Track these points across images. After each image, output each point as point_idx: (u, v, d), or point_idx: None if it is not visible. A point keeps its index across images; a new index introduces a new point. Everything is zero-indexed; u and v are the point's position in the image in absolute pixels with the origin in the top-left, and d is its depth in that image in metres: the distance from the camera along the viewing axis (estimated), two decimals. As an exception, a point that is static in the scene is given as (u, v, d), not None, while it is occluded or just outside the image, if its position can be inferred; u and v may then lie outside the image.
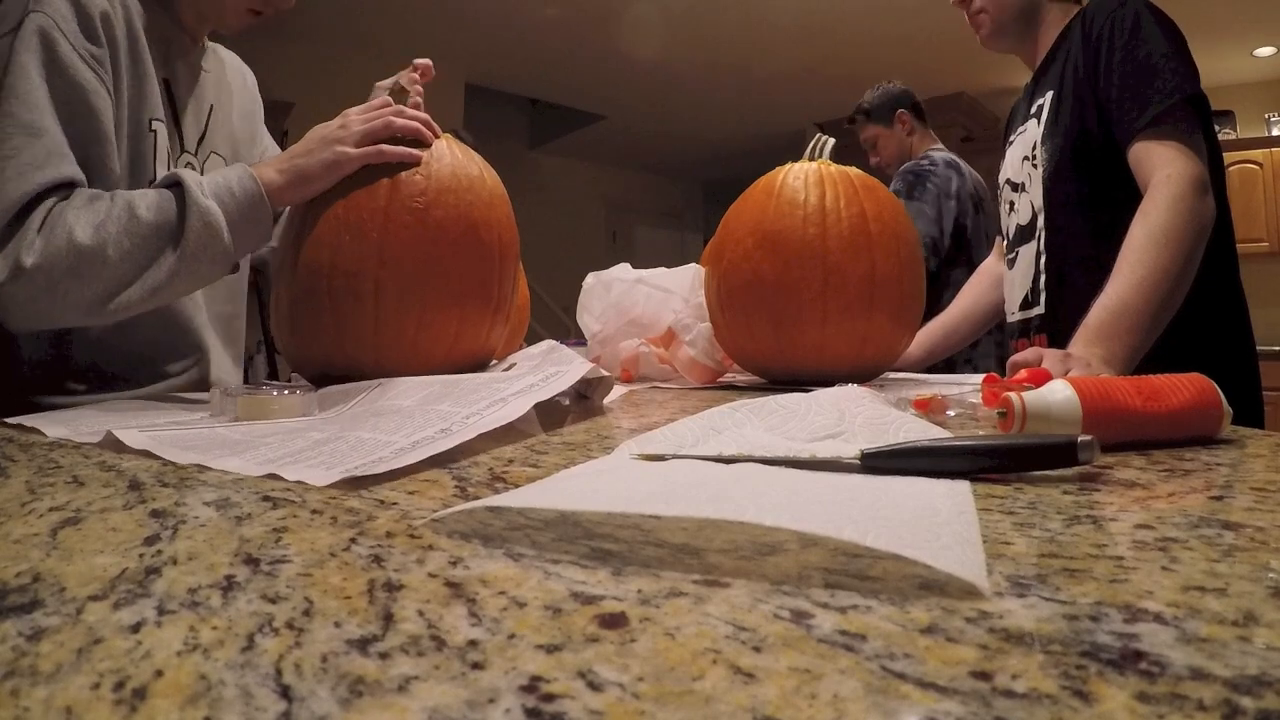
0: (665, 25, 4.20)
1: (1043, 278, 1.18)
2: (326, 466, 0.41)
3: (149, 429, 0.52)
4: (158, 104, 0.89)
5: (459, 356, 0.81)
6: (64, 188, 0.74)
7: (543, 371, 0.63)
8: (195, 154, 0.98)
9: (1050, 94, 1.16)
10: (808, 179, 0.96)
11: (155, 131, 0.88)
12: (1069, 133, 1.11)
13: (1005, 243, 1.33)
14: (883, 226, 0.93)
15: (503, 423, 0.50)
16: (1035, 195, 1.18)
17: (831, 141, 1.04)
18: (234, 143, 1.05)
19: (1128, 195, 1.00)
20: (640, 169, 7.11)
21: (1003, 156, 1.33)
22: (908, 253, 0.96)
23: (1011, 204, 1.28)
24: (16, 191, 0.71)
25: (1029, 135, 1.21)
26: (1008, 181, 1.29)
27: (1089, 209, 1.11)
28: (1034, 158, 1.19)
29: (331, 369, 0.77)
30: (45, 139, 0.74)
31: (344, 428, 0.52)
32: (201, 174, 0.95)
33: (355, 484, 0.38)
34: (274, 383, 0.93)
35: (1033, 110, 1.21)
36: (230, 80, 1.06)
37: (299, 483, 0.38)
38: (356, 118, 0.82)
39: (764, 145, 5.78)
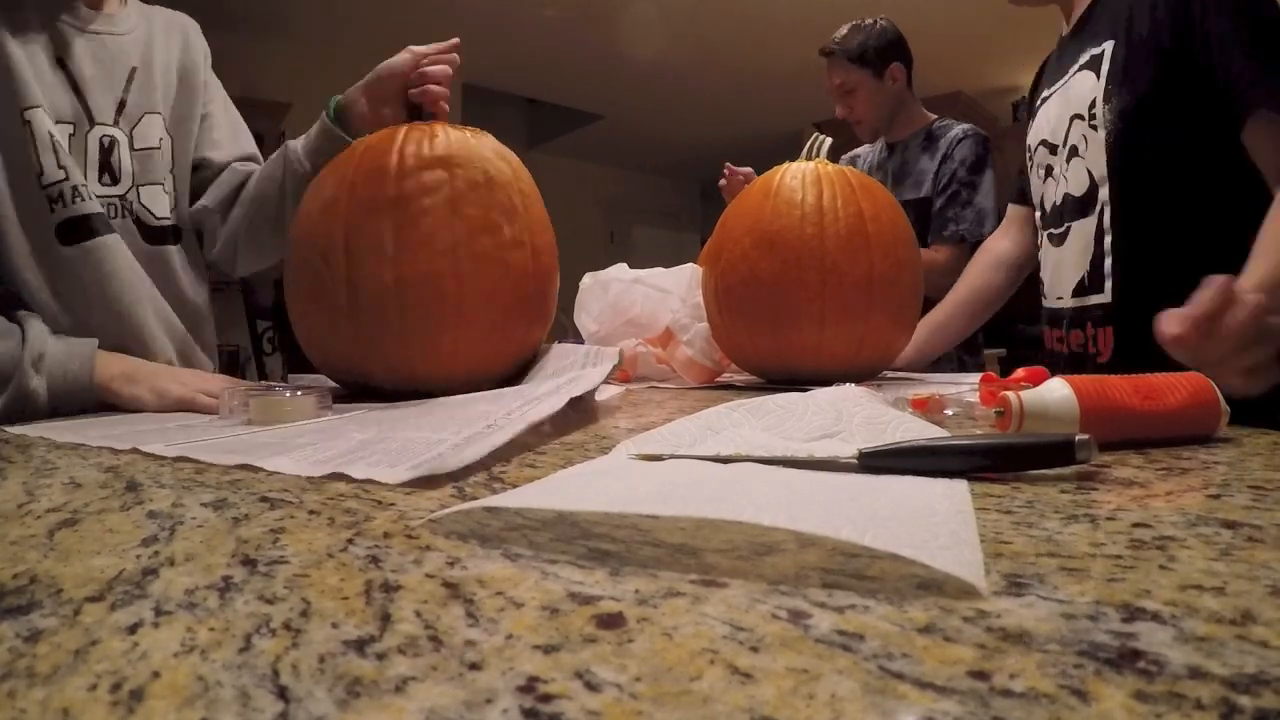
0: (663, 25, 4.21)
1: (1107, 260, 0.99)
2: (390, 464, 0.40)
3: (176, 444, 0.50)
4: (33, 90, 0.86)
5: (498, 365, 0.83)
6: None
7: (565, 375, 0.65)
8: (115, 124, 0.95)
9: (1109, 43, 0.98)
10: (805, 179, 0.96)
11: (30, 121, 0.85)
12: (1147, 87, 0.93)
13: (1041, 215, 1.14)
14: (880, 226, 0.93)
15: (545, 415, 0.50)
16: (1095, 161, 1.00)
17: (829, 141, 1.04)
18: (170, 100, 1.02)
19: (1227, 163, 0.86)
20: (638, 169, 7.12)
21: (1030, 116, 1.17)
22: (905, 252, 0.96)
23: (1048, 169, 1.10)
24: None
25: (1081, 89, 1.02)
26: (1043, 143, 1.11)
27: (1174, 179, 0.93)
28: (1092, 116, 0.99)
29: (369, 380, 0.79)
30: None
31: (384, 430, 0.52)
32: (131, 141, 0.95)
33: (426, 483, 0.38)
34: (285, 384, 0.93)
35: (1083, 61, 1.02)
36: (158, 37, 1.02)
37: (299, 479, 0.38)
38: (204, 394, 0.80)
39: (761, 145, 5.79)
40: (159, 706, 0.16)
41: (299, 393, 0.65)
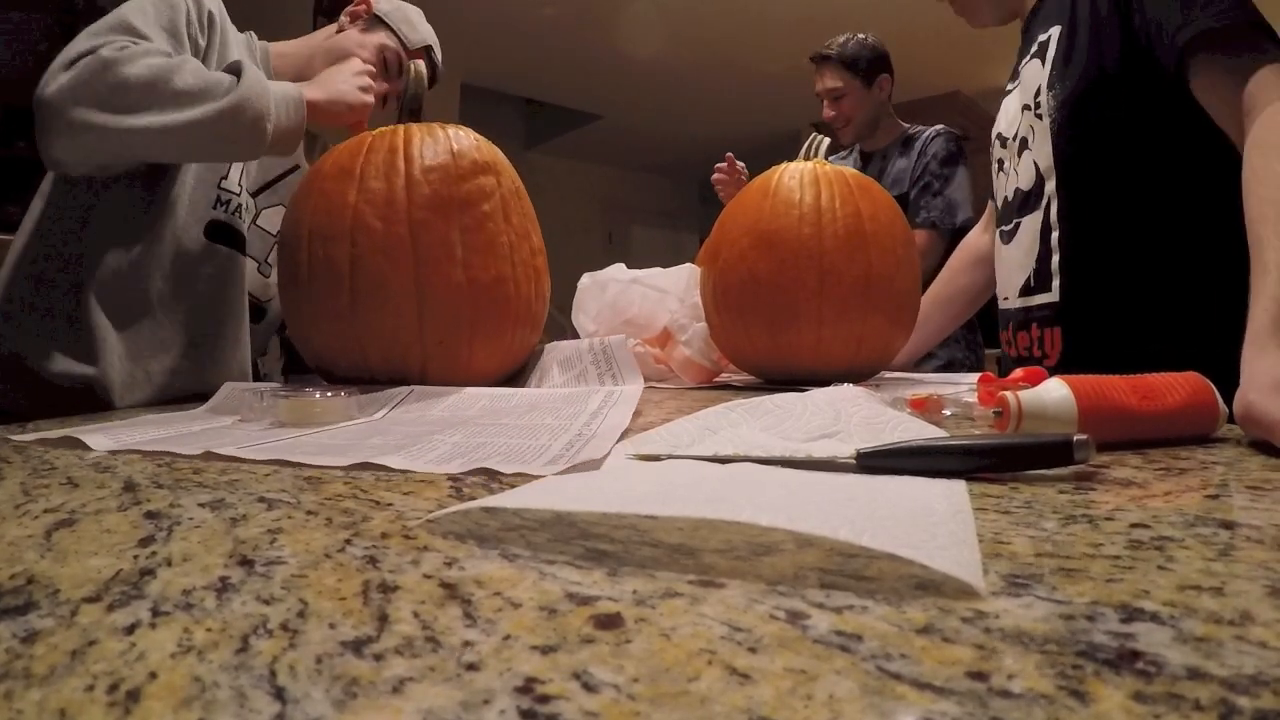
0: (661, 25, 4.20)
1: (1054, 257, 0.94)
2: (524, 462, 0.42)
3: (249, 445, 0.49)
4: None
5: (494, 369, 0.85)
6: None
7: (590, 377, 0.72)
8: (255, 195, 1.05)
9: (1056, 28, 0.94)
10: (803, 179, 0.96)
11: None
12: (1087, 70, 0.88)
13: (997, 212, 1.10)
14: (878, 226, 0.93)
15: (626, 424, 0.53)
16: (1041, 153, 0.95)
17: (827, 141, 1.04)
18: None
19: (1178, 150, 0.82)
20: (636, 169, 7.11)
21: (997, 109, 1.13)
22: (903, 252, 0.96)
23: (1001, 163, 1.06)
24: (103, 33, 0.81)
25: (1030, 79, 0.97)
26: (998, 136, 1.07)
27: (1121, 169, 0.88)
28: (1037, 105, 0.95)
29: (366, 372, 0.79)
30: (145, 43, 0.83)
31: (471, 435, 0.52)
32: (256, 215, 1.06)
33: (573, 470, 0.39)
34: (314, 385, 0.91)
35: (1032, 49, 0.98)
36: None
37: (298, 480, 0.38)
38: (371, 72, 0.97)
39: (760, 145, 5.79)
40: (156, 707, 0.16)
41: (328, 394, 0.63)
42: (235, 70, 0.83)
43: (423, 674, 0.17)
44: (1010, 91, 1.07)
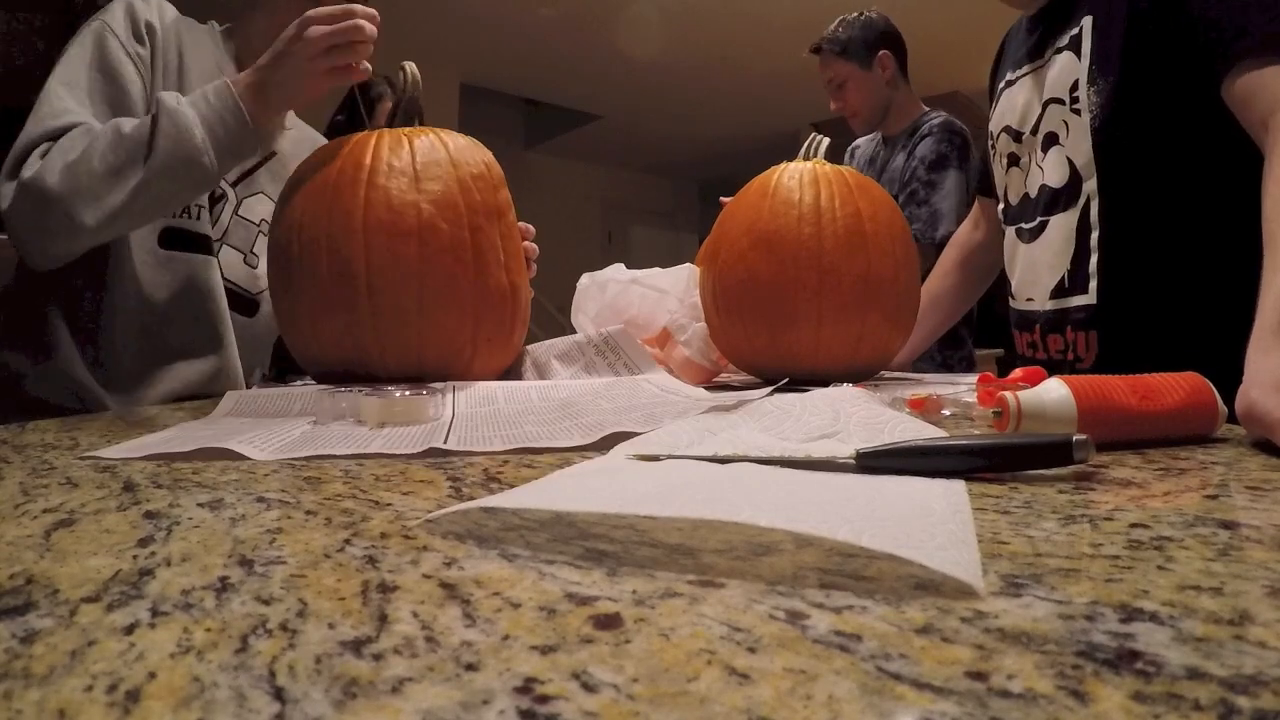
0: (661, 25, 4.21)
1: (1093, 258, 0.92)
2: (601, 429, 0.51)
3: (403, 446, 0.50)
4: None
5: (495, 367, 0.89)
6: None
7: (604, 365, 0.82)
8: (234, 185, 1.04)
9: (1088, 19, 0.92)
10: (803, 179, 0.96)
11: None
12: (1128, 67, 0.86)
13: (1005, 209, 1.08)
14: (878, 226, 0.93)
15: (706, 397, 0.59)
16: (1077, 150, 0.93)
17: (826, 141, 1.04)
18: None
19: (1220, 149, 0.81)
20: (636, 169, 7.12)
21: (992, 101, 1.11)
22: (903, 252, 0.96)
23: (1012, 157, 1.04)
24: (34, 133, 0.84)
25: (1061, 72, 0.95)
26: (1006, 130, 1.05)
27: (1164, 168, 0.87)
28: (1074, 100, 0.92)
29: (418, 370, 0.80)
30: (72, 116, 0.86)
31: (574, 416, 0.58)
32: (238, 208, 1.05)
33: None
34: (395, 385, 0.85)
35: (1061, 43, 0.96)
36: (306, 147, 1.11)
37: (296, 480, 0.38)
38: (319, 29, 0.82)
39: (759, 145, 5.79)
40: (155, 707, 0.16)
41: (408, 393, 0.62)
42: (156, 112, 0.82)
43: (422, 674, 0.17)
44: (1013, 83, 1.04)
